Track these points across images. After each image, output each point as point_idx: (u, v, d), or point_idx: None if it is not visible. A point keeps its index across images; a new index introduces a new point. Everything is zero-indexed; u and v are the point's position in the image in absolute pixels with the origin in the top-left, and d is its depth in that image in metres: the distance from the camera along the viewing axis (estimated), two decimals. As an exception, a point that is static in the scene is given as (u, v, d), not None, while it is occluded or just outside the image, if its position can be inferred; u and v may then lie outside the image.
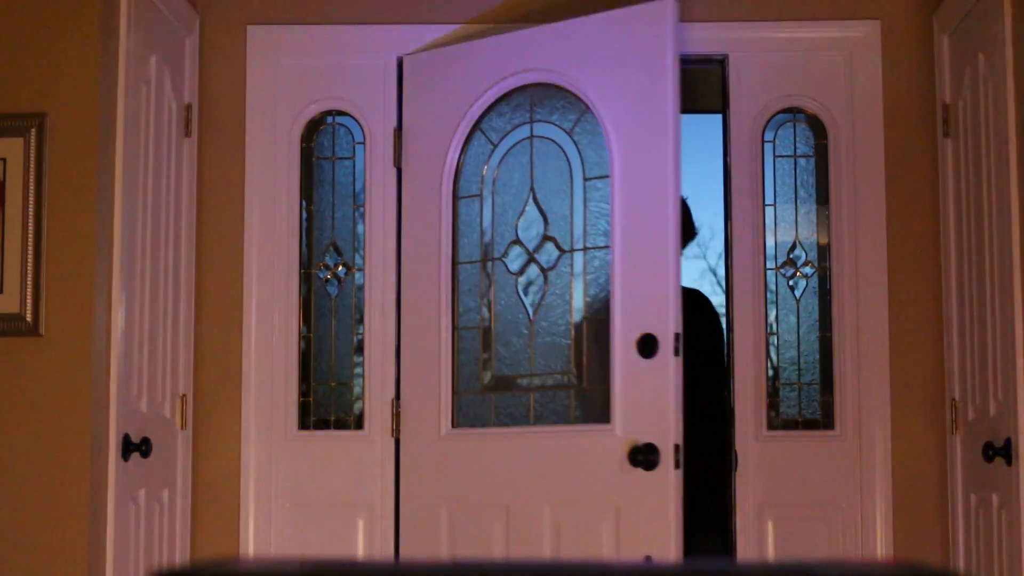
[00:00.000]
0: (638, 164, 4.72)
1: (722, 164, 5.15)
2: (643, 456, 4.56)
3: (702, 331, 5.18)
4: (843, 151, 5.11)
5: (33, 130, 4.24)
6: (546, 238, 4.95)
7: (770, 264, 5.11)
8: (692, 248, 4.88)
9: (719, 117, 5.25)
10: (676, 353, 4.54)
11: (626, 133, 4.75)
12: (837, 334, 5.06)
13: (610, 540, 4.64)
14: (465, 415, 5.02)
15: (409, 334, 5.08)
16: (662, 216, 4.64)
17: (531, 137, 5.02)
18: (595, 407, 4.79)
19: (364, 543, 5.05)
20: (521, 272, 4.99)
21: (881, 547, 4.97)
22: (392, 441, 5.06)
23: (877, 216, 5.05)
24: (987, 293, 4.50)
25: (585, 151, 4.89)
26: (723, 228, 5.11)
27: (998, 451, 4.35)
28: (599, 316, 4.79)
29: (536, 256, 4.97)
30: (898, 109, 5.08)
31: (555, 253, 4.93)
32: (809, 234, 5.16)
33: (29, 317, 4.20)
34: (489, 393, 5.00)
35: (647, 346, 4.60)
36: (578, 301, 4.87)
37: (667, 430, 4.54)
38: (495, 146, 5.06)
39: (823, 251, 5.14)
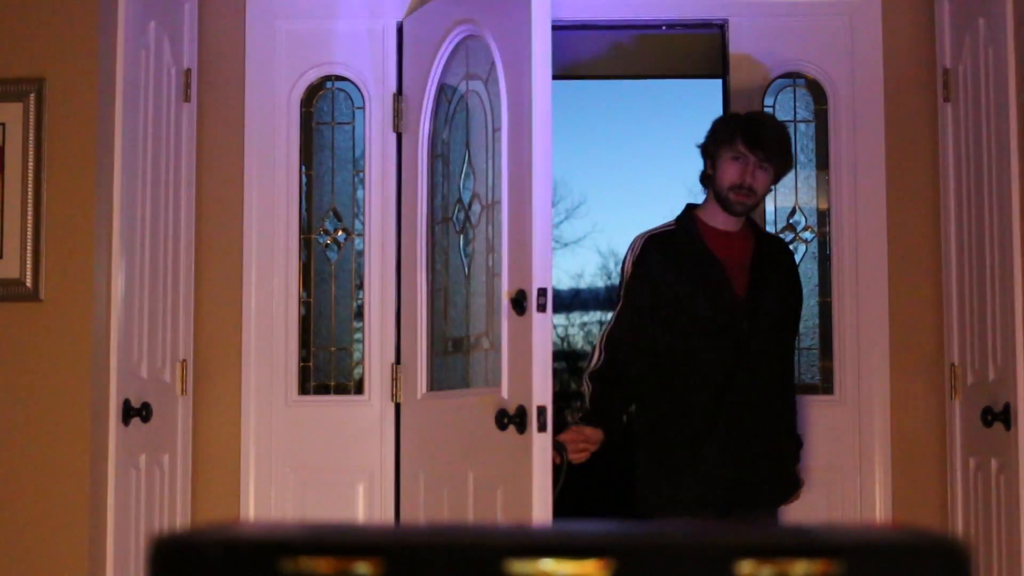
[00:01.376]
0: (520, 116, 4.49)
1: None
2: (513, 419, 4.36)
3: (789, 288, 4.61)
4: (843, 116, 5.10)
5: (32, 95, 4.24)
6: (474, 195, 4.83)
7: (770, 229, 5.11)
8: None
9: (719, 82, 5.24)
10: (541, 309, 4.29)
11: (512, 84, 4.55)
12: (837, 299, 5.06)
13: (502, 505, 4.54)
14: (436, 379, 4.98)
15: (411, 298, 5.08)
16: (531, 167, 4.35)
17: (467, 92, 4.89)
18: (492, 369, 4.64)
19: (364, 507, 5.06)
20: (460, 231, 4.89)
21: (880, 511, 4.98)
22: (392, 405, 5.07)
23: (877, 181, 5.05)
24: (986, 259, 4.50)
25: (494, 102, 4.71)
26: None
27: (997, 416, 4.36)
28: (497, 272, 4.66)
29: (469, 213, 4.85)
30: (898, 74, 5.07)
31: (478, 209, 4.80)
32: (809, 199, 5.16)
33: (29, 282, 4.20)
34: (448, 356, 4.97)
35: (518, 303, 4.39)
36: (491, 259, 4.72)
37: (532, 391, 4.27)
38: (449, 104, 4.99)
39: (823, 216, 5.13)
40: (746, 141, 4.38)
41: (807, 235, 5.13)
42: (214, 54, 5.14)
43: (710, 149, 4.48)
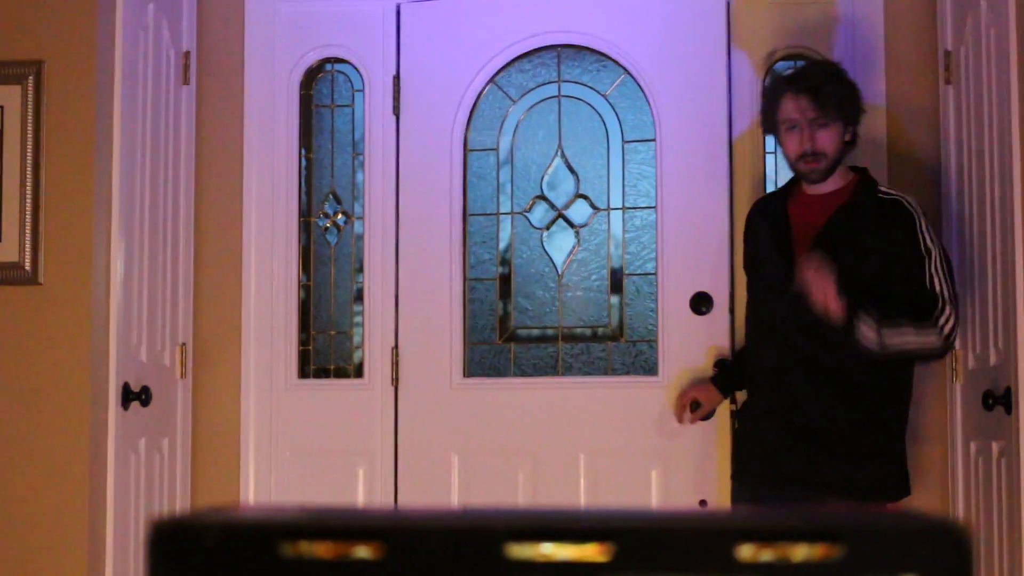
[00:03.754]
0: (687, 130, 5.00)
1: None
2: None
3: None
4: (844, 99, 5.08)
5: (31, 78, 4.23)
6: (578, 196, 5.12)
7: (771, 212, 5.10)
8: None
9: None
10: (731, 311, 4.92)
11: (675, 99, 5.02)
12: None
13: (658, 489, 4.97)
14: (479, 365, 5.09)
15: (410, 283, 5.09)
16: (717, 179, 4.98)
17: (559, 96, 5.15)
18: (638, 360, 5.03)
19: (364, 491, 5.07)
20: (548, 227, 5.12)
21: (880, 495, 4.98)
22: (392, 389, 5.07)
23: (879, 163, 5.04)
24: (988, 241, 4.49)
25: (624, 115, 5.09)
26: (727, 176, 5.08)
27: (998, 399, 4.36)
28: (639, 273, 5.04)
29: (565, 213, 5.12)
30: (900, 56, 5.06)
31: (588, 211, 5.11)
32: (810, 182, 5.15)
33: (28, 266, 4.19)
34: (509, 344, 5.10)
35: (700, 303, 4.92)
36: (616, 259, 5.07)
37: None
38: (514, 102, 5.16)
39: (824, 199, 5.12)
40: (793, 95, 4.23)
41: (808, 218, 5.12)
42: (213, 36, 5.13)
43: (767, 126, 4.39)
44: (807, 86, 4.22)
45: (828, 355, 4.16)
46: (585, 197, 5.14)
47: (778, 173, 5.11)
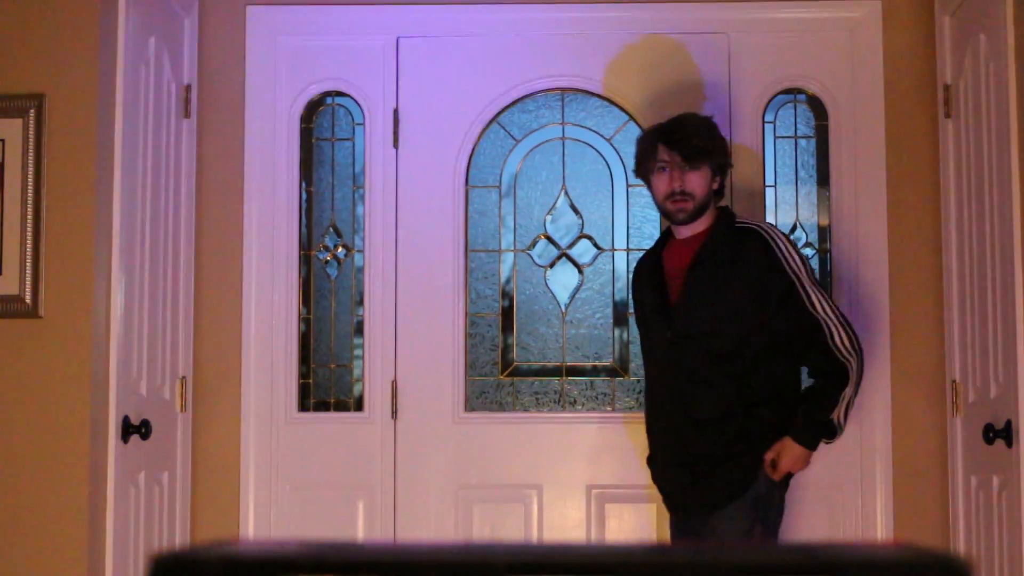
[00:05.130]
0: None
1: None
2: None
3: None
4: (844, 132, 5.10)
5: (32, 111, 4.23)
6: (582, 236, 5.17)
7: (771, 246, 5.11)
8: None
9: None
10: None
11: None
12: (837, 316, 5.05)
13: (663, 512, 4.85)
14: (481, 399, 5.12)
15: (410, 317, 5.09)
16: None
17: (563, 138, 5.20)
18: (642, 396, 4.95)
19: (364, 525, 5.06)
20: (551, 265, 5.17)
21: (881, 529, 4.97)
22: (392, 423, 5.07)
23: (878, 197, 5.05)
24: (988, 274, 4.49)
25: (628, 159, 5.04)
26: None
27: (999, 433, 4.35)
28: None
29: (569, 252, 5.18)
30: (899, 90, 5.07)
31: (592, 251, 5.17)
32: (810, 215, 5.16)
33: (28, 299, 4.19)
34: (511, 378, 5.12)
35: None
36: (620, 296, 5.13)
37: None
38: (517, 141, 5.20)
39: (824, 232, 5.13)
40: (666, 144, 4.35)
41: (808, 251, 5.12)
42: (214, 70, 5.14)
43: (641, 171, 4.47)
44: (681, 135, 4.35)
45: (709, 398, 4.30)
46: (589, 237, 5.18)
47: (778, 207, 5.12)
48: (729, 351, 4.29)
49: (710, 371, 4.29)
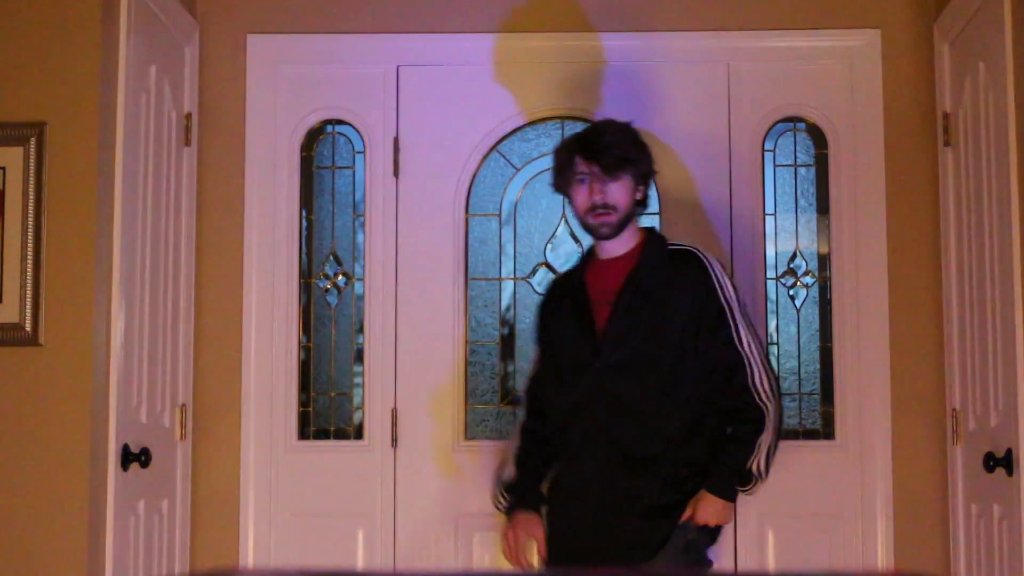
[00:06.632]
0: (690, 201, 5.05)
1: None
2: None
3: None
4: (843, 160, 5.10)
5: (33, 139, 4.24)
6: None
7: (770, 274, 5.11)
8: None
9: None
10: None
11: (677, 172, 5.07)
12: (838, 344, 5.05)
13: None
14: (480, 427, 5.13)
15: (410, 345, 5.08)
16: (719, 250, 4.98)
17: None
18: None
19: (364, 553, 5.05)
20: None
21: (882, 557, 4.96)
22: (392, 451, 5.06)
23: (878, 226, 5.05)
24: (988, 302, 4.49)
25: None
26: (728, 245, 5.10)
27: (999, 461, 4.34)
28: None
29: None
30: (899, 118, 5.08)
31: None
32: (809, 244, 5.16)
33: (28, 327, 4.19)
34: (511, 407, 5.09)
35: None
36: None
37: None
38: (517, 169, 5.21)
39: (823, 261, 5.13)
40: (584, 156, 4.14)
41: (808, 280, 5.13)
42: (215, 98, 5.15)
43: (559, 183, 4.25)
44: (599, 144, 4.14)
45: (634, 430, 4.11)
46: None
47: (777, 235, 5.12)
48: (665, 382, 4.11)
49: (643, 403, 4.11)
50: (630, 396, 4.11)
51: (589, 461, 4.15)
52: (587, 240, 4.50)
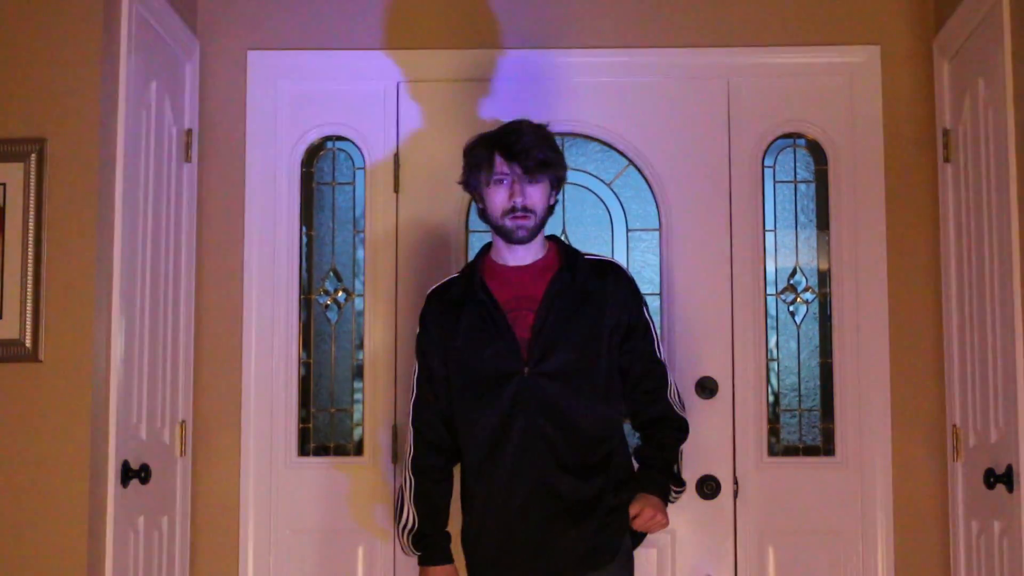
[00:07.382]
0: (691, 218, 5.10)
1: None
2: (705, 486, 4.95)
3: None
4: (843, 176, 5.11)
5: (33, 155, 4.24)
6: None
7: (770, 290, 5.11)
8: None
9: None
10: (733, 395, 5.03)
11: (679, 188, 5.13)
12: (838, 360, 5.05)
13: (664, 562, 5.00)
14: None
15: (411, 361, 5.07)
16: (721, 270, 5.07)
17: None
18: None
19: (364, 570, 5.04)
20: None
21: (882, 574, 4.95)
22: (392, 467, 5.05)
23: (877, 242, 5.05)
24: (988, 319, 4.49)
25: (628, 204, 5.17)
26: (728, 261, 5.10)
27: (999, 478, 4.34)
28: None
29: None
30: (898, 134, 5.08)
31: None
32: (809, 260, 5.16)
33: (28, 343, 4.19)
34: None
35: (705, 387, 4.99)
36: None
37: (725, 462, 5.01)
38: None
39: (823, 277, 5.13)
40: (505, 156, 4.04)
41: (808, 296, 5.12)
42: (215, 114, 5.15)
43: (471, 182, 4.13)
44: (521, 146, 4.04)
45: (568, 434, 4.02)
46: None
47: (777, 251, 5.12)
48: (599, 389, 4.06)
49: (578, 411, 4.02)
50: (564, 404, 4.01)
51: (527, 470, 4.01)
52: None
